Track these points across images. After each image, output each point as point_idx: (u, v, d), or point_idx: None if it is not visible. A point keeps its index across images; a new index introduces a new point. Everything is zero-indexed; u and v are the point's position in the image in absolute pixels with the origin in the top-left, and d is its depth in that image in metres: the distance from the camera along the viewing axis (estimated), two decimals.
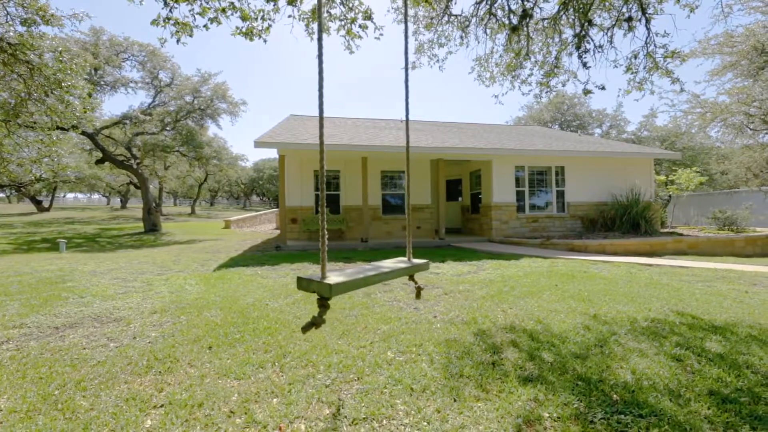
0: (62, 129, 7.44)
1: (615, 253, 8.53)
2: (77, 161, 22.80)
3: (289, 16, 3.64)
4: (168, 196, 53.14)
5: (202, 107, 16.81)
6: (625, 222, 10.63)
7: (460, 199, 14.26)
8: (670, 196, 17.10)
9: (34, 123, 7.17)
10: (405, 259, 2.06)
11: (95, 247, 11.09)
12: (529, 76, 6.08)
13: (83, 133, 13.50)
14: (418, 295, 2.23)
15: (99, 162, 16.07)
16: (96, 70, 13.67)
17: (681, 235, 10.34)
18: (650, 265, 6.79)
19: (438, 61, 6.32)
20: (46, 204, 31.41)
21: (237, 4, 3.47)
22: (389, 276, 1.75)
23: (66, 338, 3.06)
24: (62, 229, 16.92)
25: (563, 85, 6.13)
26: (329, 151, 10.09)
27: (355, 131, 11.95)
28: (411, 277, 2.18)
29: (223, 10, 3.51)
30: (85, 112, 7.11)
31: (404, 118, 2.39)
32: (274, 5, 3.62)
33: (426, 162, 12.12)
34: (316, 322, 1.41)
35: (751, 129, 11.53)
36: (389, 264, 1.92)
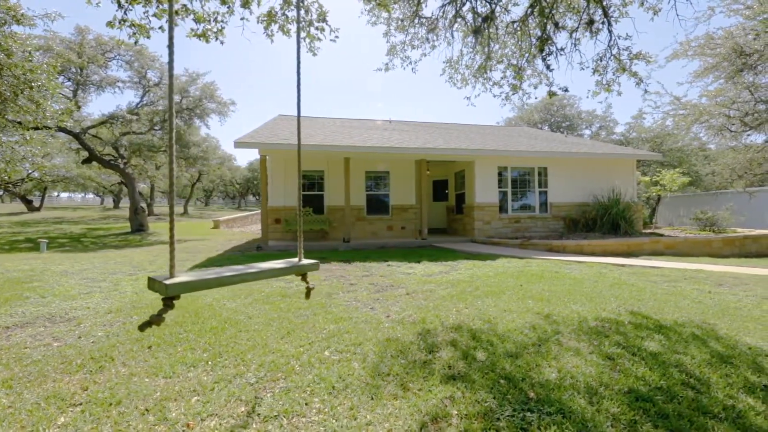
0: (36, 129, 7.43)
1: (592, 254, 8.59)
2: (65, 160, 22.71)
3: (242, 19, 3.67)
4: (163, 196, 52.89)
5: (191, 107, 16.80)
6: (605, 222, 10.69)
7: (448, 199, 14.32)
8: (659, 196, 17.22)
9: (17, 123, 7.14)
10: (295, 260, 2.09)
11: (78, 247, 11.06)
12: (502, 78, 6.13)
13: (69, 132, 13.46)
14: (307, 295, 2.28)
15: (86, 161, 16.02)
16: (81, 69, 13.63)
17: (660, 235, 10.42)
18: (623, 265, 6.85)
19: (411, 63, 6.32)
20: (37, 203, 31.25)
21: (190, 7, 3.50)
22: (259, 276, 1.77)
23: (12, 338, 3.08)
24: (49, 229, 16.85)
25: (535, 88, 6.16)
26: (313, 152, 10.10)
27: (339, 132, 11.97)
28: (303, 278, 2.21)
29: (177, 13, 3.54)
30: (60, 114, 7.11)
31: (391, 119, 2.42)
32: (228, 8, 3.65)
33: (411, 162, 12.17)
34: (152, 321, 1.45)
35: (731, 131, 11.63)
36: (267, 265, 1.94)
